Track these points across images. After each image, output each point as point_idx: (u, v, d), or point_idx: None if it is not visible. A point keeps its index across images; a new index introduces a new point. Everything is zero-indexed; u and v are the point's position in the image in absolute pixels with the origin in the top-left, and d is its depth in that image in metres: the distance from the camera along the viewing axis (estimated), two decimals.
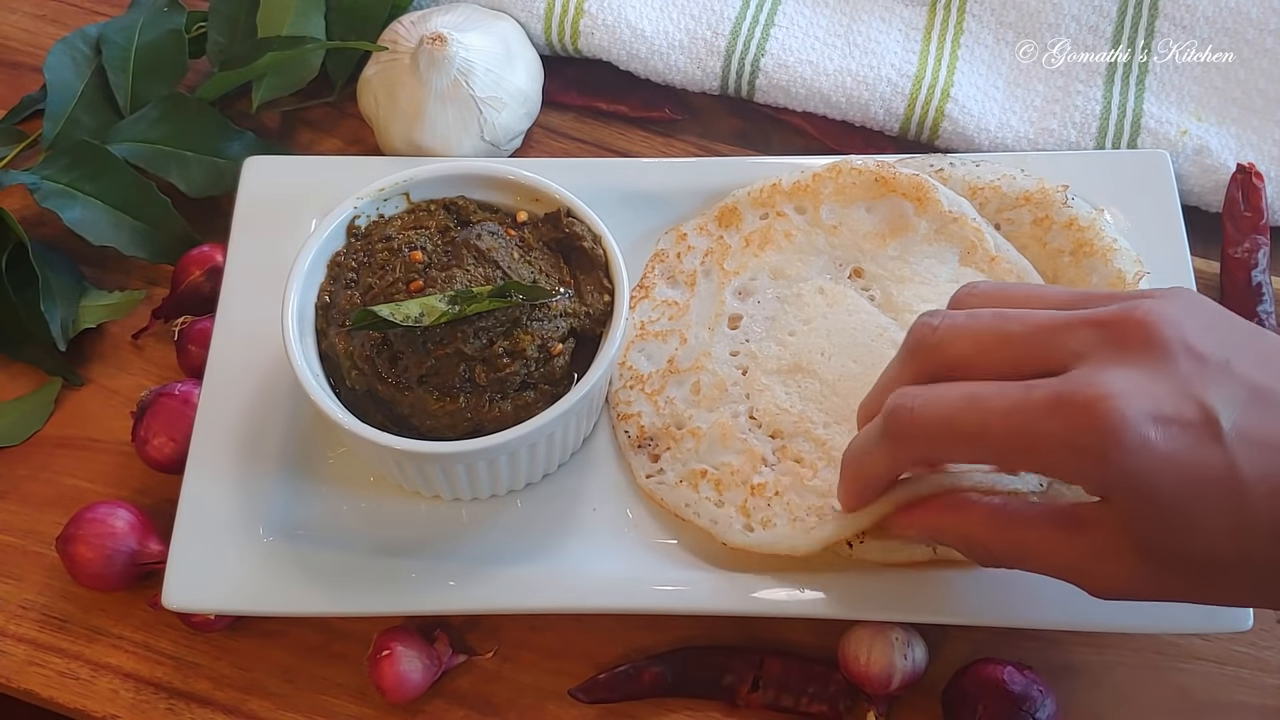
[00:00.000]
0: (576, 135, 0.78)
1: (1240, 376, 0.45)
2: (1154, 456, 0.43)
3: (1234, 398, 0.44)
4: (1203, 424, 0.44)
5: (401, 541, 0.61)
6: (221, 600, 0.59)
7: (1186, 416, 0.44)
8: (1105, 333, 0.46)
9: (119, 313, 0.72)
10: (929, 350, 0.50)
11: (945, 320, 0.50)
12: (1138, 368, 0.45)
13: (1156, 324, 0.45)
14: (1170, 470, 0.43)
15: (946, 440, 0.48)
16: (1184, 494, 0.44)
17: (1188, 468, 0.43)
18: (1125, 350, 0.45)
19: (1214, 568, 0.45)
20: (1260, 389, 0.45)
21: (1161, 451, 0.43)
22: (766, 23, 0.77)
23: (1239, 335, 0.47)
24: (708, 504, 0.60)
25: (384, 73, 0.73)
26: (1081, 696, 0.60)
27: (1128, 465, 0.43)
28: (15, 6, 0.85)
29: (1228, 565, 0.45)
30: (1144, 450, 0.43)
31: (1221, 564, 0.45)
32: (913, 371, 0.51)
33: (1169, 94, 0.74)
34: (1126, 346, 0.45)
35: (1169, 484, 0.44)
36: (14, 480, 0.67)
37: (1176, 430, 0.43)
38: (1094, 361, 0.45)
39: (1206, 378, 0.44)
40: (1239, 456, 0.43)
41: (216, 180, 0.74)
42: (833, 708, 0.59)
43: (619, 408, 0.64)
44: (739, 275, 0.66)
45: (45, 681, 0.61)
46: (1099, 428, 0.43)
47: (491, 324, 0.57)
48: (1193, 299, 0.48)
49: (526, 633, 0.62)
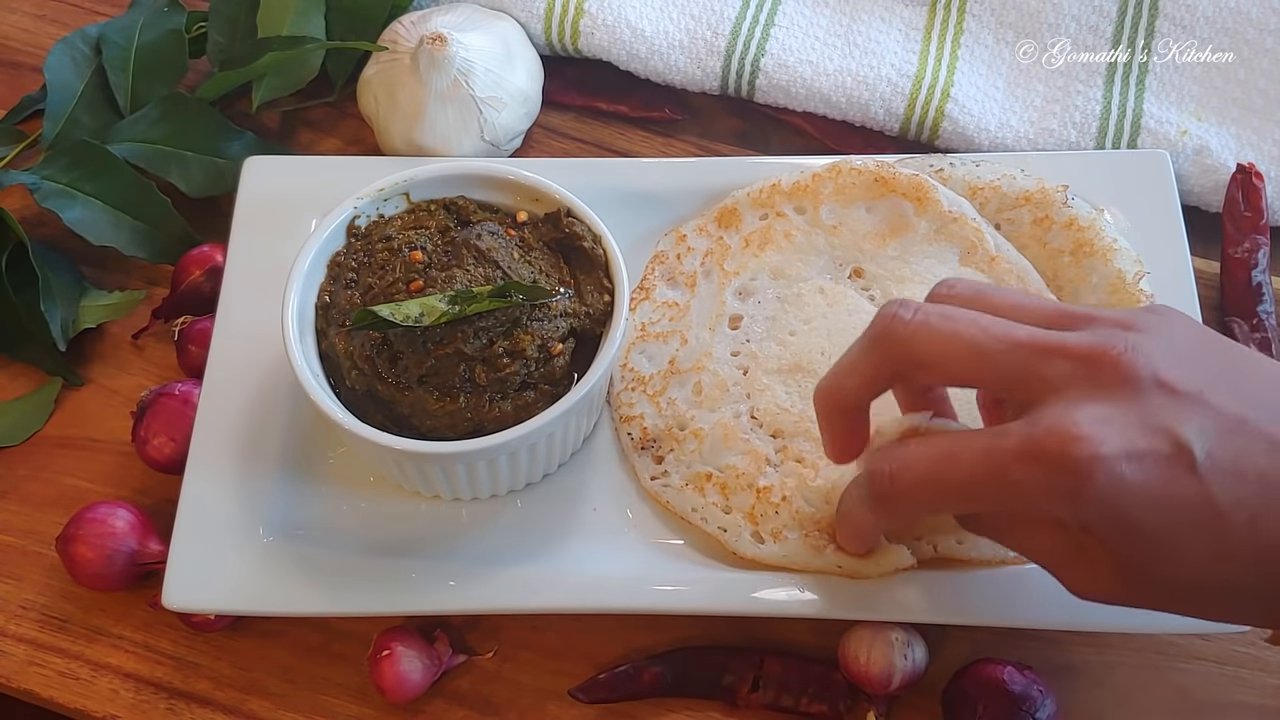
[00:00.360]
0: (576, 135, 0.78)
1: (1213, 407, 0.45)
2: (1130, 491, 0.44)
3: (1206, 428, 0.44)
4: (1176, 456, 0.44)
5: (401, 541, 0.61)
6: (221, 600, 0.59)
7: (1160, 450, 0.44)
8: (1079, 366, 0.46)
9: (119, 313, 0.72)
10: (896, 343, 0.49)
11: (918, 315, 0.48)
12: (1109, 404, 0.45)
13: (1131, 360, 0.45)
14: (1146, 504, 0.44)
15: (929, 498, 0.49)
16: (1163, 526, 0.44)
17: (1164, 500, 0.44)
18: (1098, 386, 0.45)
19: (1195, 593, 0.46)
20: (1233, 419, 0.45)
21: (1136, 486, 0.44)
22: (766, 23, 0.77)
23: (1216, 363, 0.47)
24: (715, 510, 0.60)
25: (384, 73, 0.73)
26: (1081, 696, 0.60)
27: (1104, 502, 0.44)
28: (15, 6, 0.85)
29: (1209, 591, 0.46)
30: (1119, 486, 0.44)
31: (1203, 589, 0.46)
32: (875, 361, 0.50)
33: (1169, 94, 0.74)
34: (1100, 382, 0.45)
35: (1147, 517, 0.44)
36: (14, 480, 0.67)
37: (1150, 464, 0.44)
38: (1066, 397, 0.45)
39: (1179, 410, 0.45)
40: (1214, 486, 0.44)
41: (216, 180, 0.74)
42: (833, 708, 0.59)
43: (621, 409, 0.64)
44: (739, 276, 0.66)
45: (45, 681, 0.61)
46: (1074, 470, 0.44)
47: (491, 324, 0.57)
48: (1174, 325, 0.48)
49: (526, 633, 0.62)
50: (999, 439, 0.46)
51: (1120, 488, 0.44)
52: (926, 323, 0.48)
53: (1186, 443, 0.44)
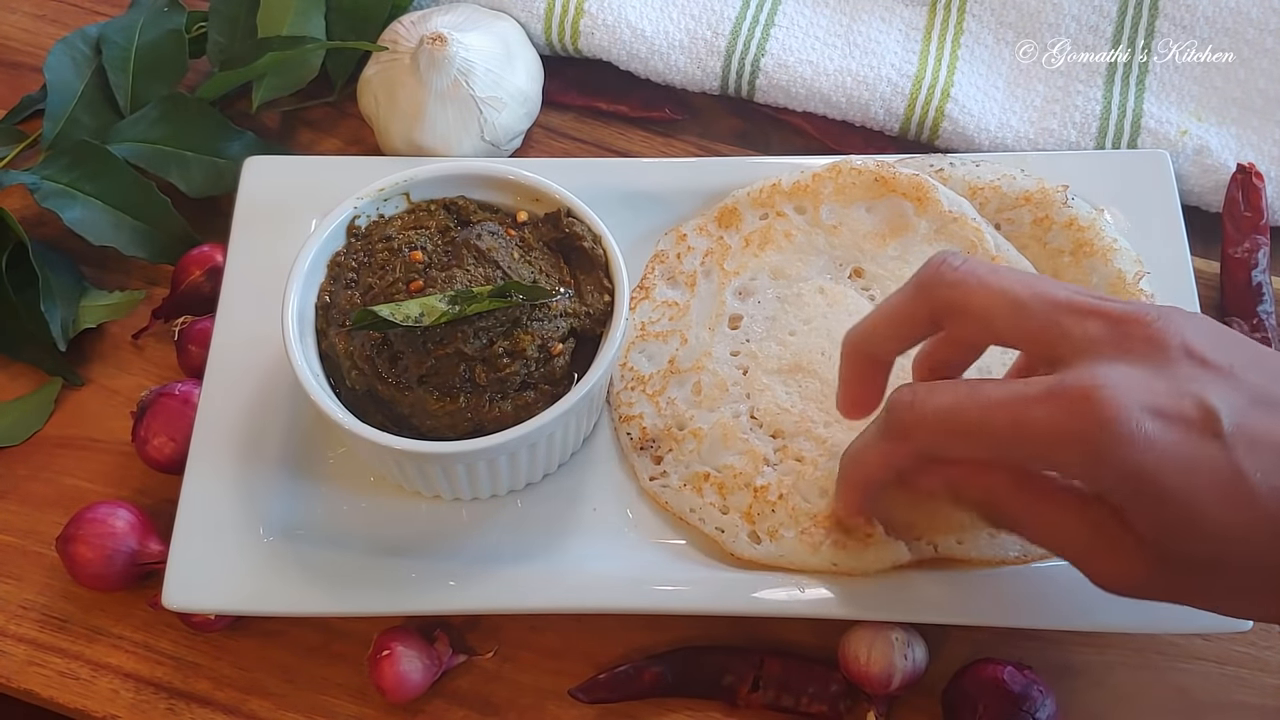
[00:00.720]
0: (576, 135, 0.78)
1: (1243, 381, 0.45)
2: (1150, 450, 0.43)
3: (1235, 399, 0.44)
4: (1202, 421, 0.44)
5: (401, 541, 0.61)
6: (221, 600, 0.59)
7: (1185, 413, 0.44)
8: (1112, 328, 0.46)
9: (119, 313, 0.72)
10: (943, 287, 0.49)
11: (967, 265, 0.49)
12: (1139, 366, 0.45)
13: (1163, 327, 0.46)
14: (1168, 465, 0.43)
15: (947, 433, 0.48)
16: (1184, 490, 0.43)
17: (1186, 463, 0.43)
18: (1128, 349, 0.45)
19: (1219, 571, 0.45)
20: (1263, 392, 0.45)
21: (1158, 445, 0.43)
22: (766, 23, 0.77)
23: (1244, 349, 0.47)
24: (712, 510, 0.60)
25: (384, 73, 0.73)
26: (1081, 696, 0.60)
27: (1123, 457, 0.43)
28: (15, 6, 0.85)
29: (1233, 569, 0.45)
30: (1139, 442, 0.43)
31: (1227, 567, 0.45)
32: (916, 305, 0.51)
33: (1169, 94, 0.74)
34: (1130, 345, 0.45)
35: (1169, 479, 0.43)
36: (14, 480, 0.67)
37: (1174, 425, 0.43)
38: (1096, 356, 0.45)
39: (1208, 379, 0.45)
40: (1241, 455, 0.43)
41: (216, 180, 0.74)
42: (833, 708, 0.59)
43: (621, 409, 0.64)
44: (739, 275, 0.66)
45: (45, 681, 0.61)
46: (1094, 418, 0.43)
47: (491, 324, 0.57)
48: (1200, 317, 0.48)
49: (526, 633, 0.62)
50: (1025, 387, 0.46)
51: (1142, 444, 0.43)
52: (974, 272, 0.49)
53: (1214, 409, 0.43)
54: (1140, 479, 0.44)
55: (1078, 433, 0.44)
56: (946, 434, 0.48)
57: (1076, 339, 0.46)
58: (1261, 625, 0.61)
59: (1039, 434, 0.45)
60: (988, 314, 0.48)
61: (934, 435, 0.48)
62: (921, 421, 0.48)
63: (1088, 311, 0.47)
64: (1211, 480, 0.43)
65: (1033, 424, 0.45)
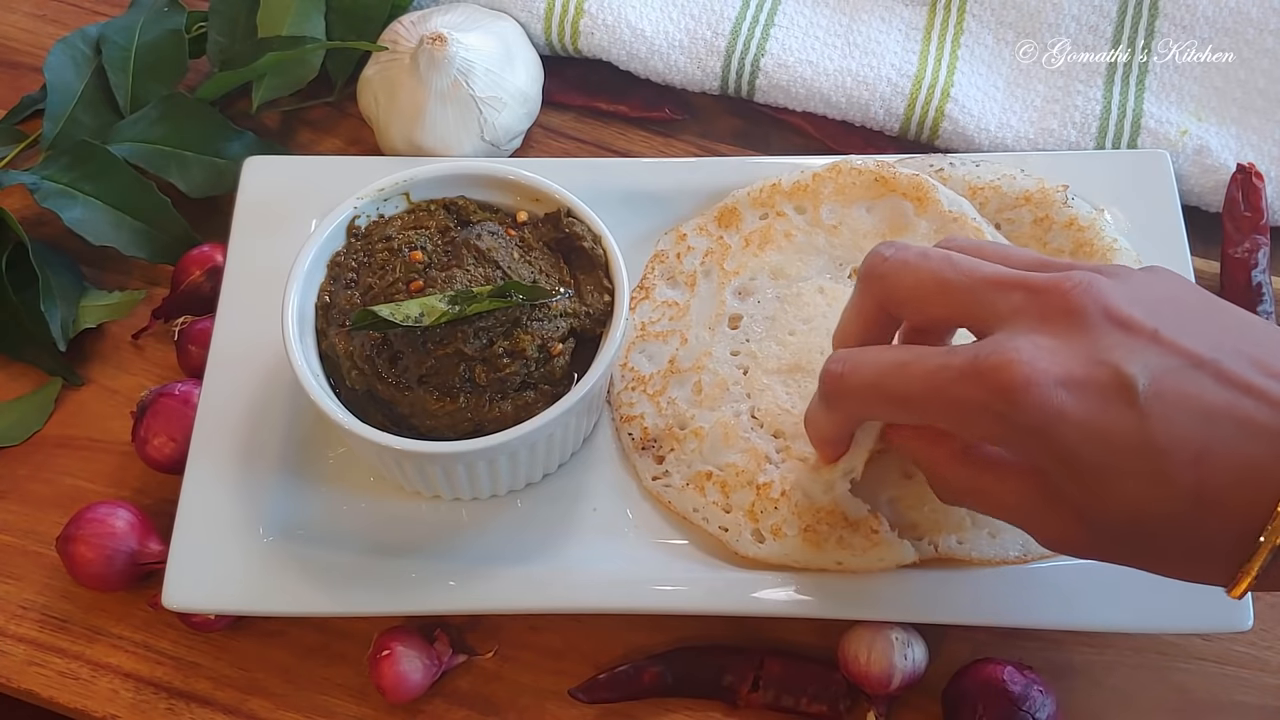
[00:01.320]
0: (576, 135, 0.78)
1: (1167, 344, 0.44)
2: (1062, 420, 0.43)
3: (1153, 364, 0.44)
4: (1115, 387, 0.43)
5: (401, 541, 0.61)
6: (221, 600, 0.59)
7: (1098, 379, 0.44)
8: (1031, 298, 0.46)
9: (119, 313, 0.72)
10: (877, 280, 0.51)
11: (896, 253, 0.50)
12: (1054, 335, 0.45)
13: (1082, 293, 0.46)
14: (1080, 434, 0.43)
15: (873, 402, 0.50)
16: (1096, 455, 0.43)
17: (1097, 430, 0.43)
18: (1045, 318, 0.46)
19: (1141, 530, 0.45)
20: (1187, 357, 0.44)
21: (1069, 413, 0.43)
22: (766, 23, 0.77)
23: (1189, 310, 0.47)
24: (716, 509, 0.60)
25: (384, 73, 0.73)
26: (1081, 696, 0.60)
27: (1034, 427, 0.44)
28: (15, 6, 0.85)
29: (1154, 529, 0.44)
30: (1049, 411, 0.43)
31: (1147, 526, 0.44)
32: (861, 301, 0.52)
33: (1169, 94, 0.74)
34: (1047, 315, 0.46)
35: (1080, 449, 0.44)
36: (14, 480, 0.67)
37: (1086, 393, 0.44)
38: (1014, 327, 0.46)
39: (1126, 344, 0.44)
40: (1154, 420, 0.43)
41: (216, 180, 0.74)
42: (833, 708, 0.59)
43: (621, 409, 0.64)
44: (739, 275, 0.66)
45: (45, 681, 0.61)
46: (1005, 391, 0.44)
47: (491, 324, 0.57)
48: (1156, 276, 0.48)
49: (526, 633, 0.62)
50: (948, 357, 0.47)
51: (1052, 413, 0.43)
52: (904, 260, 0.50)
53: (1129, 375, 0.43)
54: (1054, 449, 0.44)
55: (991, 404, 0.44)
56: (874, 402, 0.49)
57: (1000, 311, 0.47)
58: (1261, 625, 0.61)
59: (956, 405, 0.46)
60: (919, 296, 0.50)
61: (861, 404, 0.50)
62: (850, 391, 0.50)
63: (1011, 285, 0.47)
64: (1123, 446, 0.43)
65: (950, 396, 0.46)
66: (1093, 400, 0.44)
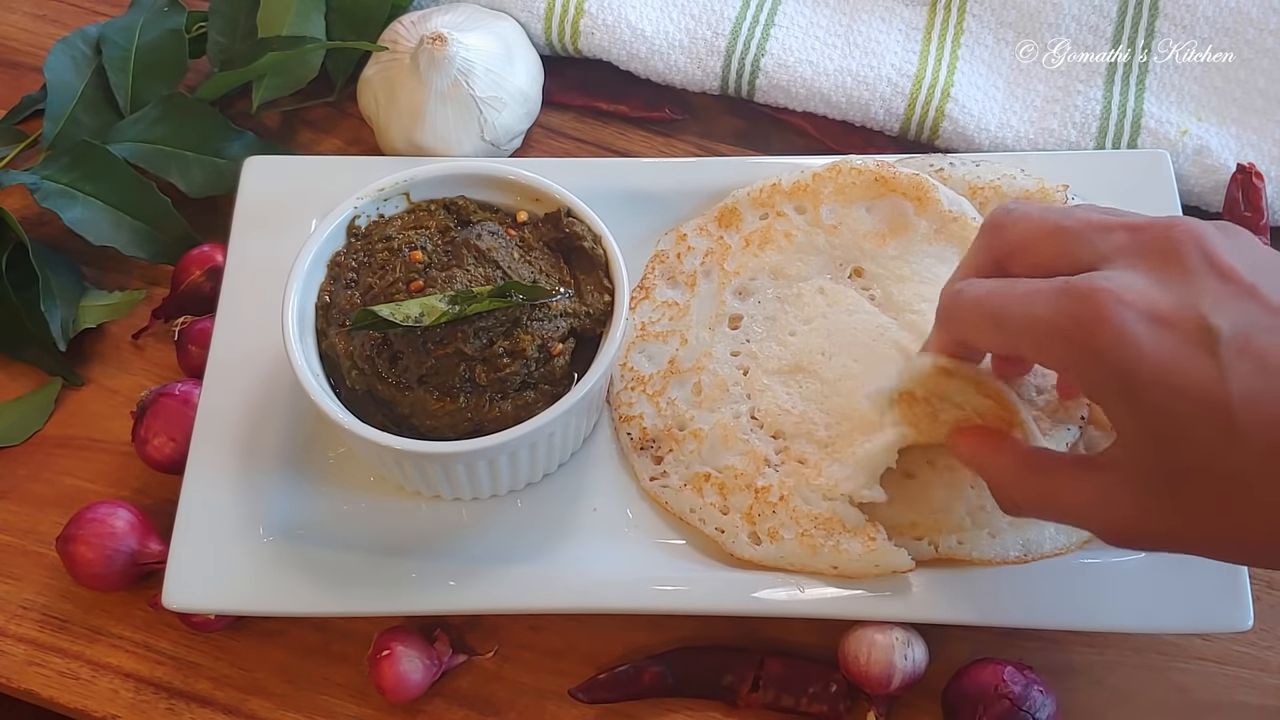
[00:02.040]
0: (576, 135, 0.78)
1: (1263, 301, 0.44)
2: (1136, 351, 0.43)
3: (1243, 319, 0.43)
4: (1198, 333, 0.43)
5: (401, 541, 0.61)
6: (221, 600, 0.59)
7: (1182, 322, 0.44)
8: (1135, 238, 0.47)
9: (119, 313, 0.72)
10: (997, 231, 0.52)
11: (1017, 207, 0.52)
12: (1150, 272, 0.45)
13: (1187, 240, 0.46)
14: (1151, 369, 0.43)
15: (976, 318, 0.49)
16: (1164, 399, 0.43)
17: (1171, 371, 0.43)
18: (1146, 258, 0.46)
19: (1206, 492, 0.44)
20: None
21: (1145, 349, 0.43)
22: (766, 23, 0.77)
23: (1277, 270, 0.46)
24: (713, 510, 0.60)
25: (384, 73, 0.73)
26: (1081, 696, 0.60)
27: (1108, 356, 0.44)
28: (15, 6, 0.85)
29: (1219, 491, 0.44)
30: (1125, 342, 0.43)
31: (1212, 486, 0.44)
32: (976, 254, 0.53)
33: (1169, 94, 0.74)
34: (1148, 255, 0.46)
35: (1147, 385, 0.43)
36: (14, 480, 0.67)
37: (1167, 333, 0.43)
38: (1114, 264, 0.46)
39: (1220, 293, 0.44)
40: (1231, 373, 0.42)
41: (216, 180, 0.74)
42: (833, 708, 0.59)
43: (621, 409, 0.64)
44: (739, 275, 0.66)
45: (45, 681, 0.61)
46: (1089, 317, 0.44)
47: (491, 324, 0.57)
48: (1247, 236, 0.48)
49: (526, 633, 0.62)
50: (1046, 283, 0.47)
51: (1129, 346, 0.43)
52: (1025, 212, 0.51)
53: (1214, 325, 0.43)
54: (1123, 381, 0.44)
55: (1073, 328, 0.45)
56: (976, 319, 0.49)
57: (1103, 250, 0.47)
58: (1261, 625, 0.61)
59: (1042, 329, 0.46)
60: (1031, 241, 0.50)
61: (965, 323, 0.50)
62: (960, 307, 0.50)
63: (1116, 226, 0.48)
64: (1195, 394, 0.43)
65: (1037, 314, 0.46)
66: (1172, 341, 0.43)
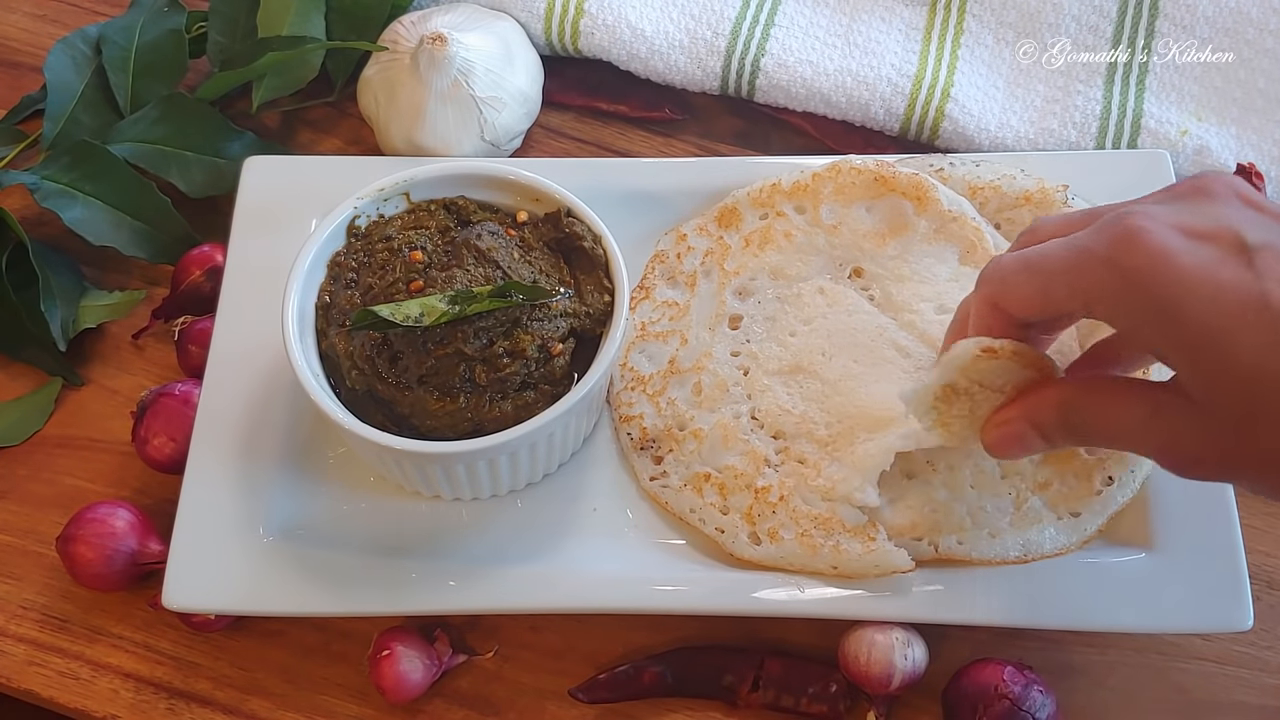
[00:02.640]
0: (576, 135, 0.78)
1: None
2: (1177, 266, 0.43)
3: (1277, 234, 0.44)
4: (1232, 245, 0.44)
5: (401, 541, 0.61)
6: (221, 600, 0.59)
7: (1215, 236, 0.44)
8: (1165, 192, 0.48)
9: (119, 313, 0.72)
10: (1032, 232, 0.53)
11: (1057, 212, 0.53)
12: (1183, 205, 0.46)
13: (1215, 181, 0.47)
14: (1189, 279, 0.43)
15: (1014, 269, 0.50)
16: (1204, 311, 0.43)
17: (1209, 282, 0.43)
18: (1176, 196, 0.47)
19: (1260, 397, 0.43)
20: None
21: (1181, 261, 0.43)
22: (766, 23, 0.77)
23: None
24: (713, 510, 0.60)
25: (384, 73, 0.73)
26: (1081, 696, 0.60)
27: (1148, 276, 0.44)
28: (15, 6, 0.85)
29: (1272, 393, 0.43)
30: (1165, 258, 0.44)
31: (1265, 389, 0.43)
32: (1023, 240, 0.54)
33: (1169, 94, 0.74)
34: (1178, 193, 0.47)
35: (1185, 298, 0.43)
36: (14, 480, 0.67)
37: (1201, 245, 0.44)
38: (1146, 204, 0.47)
39: (1252, 217, 0.45)
40: (1271, 282, 0.43)
41: (216, 180, 0.74)
42: (833, 708, 0.59)
43: (621, 409, 0.64)
44: (739, 275, 0.66)
45: (45, 681, 0.61)
46: (1122, 237, 0.45)
47: (491, 324, 0.57)
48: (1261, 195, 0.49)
49: (526, 633, 0.62)
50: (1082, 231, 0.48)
51: (1167, 259, 0.43)
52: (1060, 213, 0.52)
53: (1248, 239, 0.43)
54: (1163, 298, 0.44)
55: (1109, 250, 0.45)
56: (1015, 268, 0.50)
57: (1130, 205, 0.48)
58: (1261, 625, 0.61)
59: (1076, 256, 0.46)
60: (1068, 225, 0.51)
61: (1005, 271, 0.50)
62: (999, 265, 0.50)
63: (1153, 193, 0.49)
64: (1237, 305, 0.43)
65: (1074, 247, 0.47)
66: (1208, 254, 0.44)
